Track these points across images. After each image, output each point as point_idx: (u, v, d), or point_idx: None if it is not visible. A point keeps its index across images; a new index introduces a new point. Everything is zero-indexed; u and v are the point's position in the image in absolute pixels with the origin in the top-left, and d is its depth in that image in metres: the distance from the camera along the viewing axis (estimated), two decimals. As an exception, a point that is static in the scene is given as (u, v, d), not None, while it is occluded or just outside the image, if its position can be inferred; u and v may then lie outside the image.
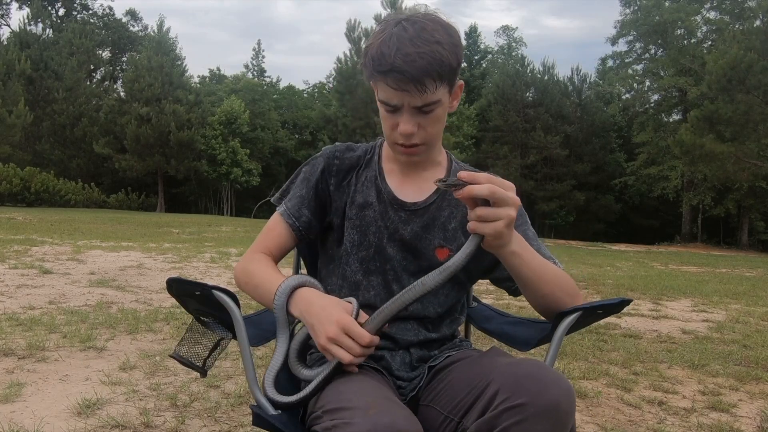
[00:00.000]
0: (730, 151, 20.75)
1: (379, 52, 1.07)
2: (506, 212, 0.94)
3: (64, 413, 2.31)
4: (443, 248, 1.21)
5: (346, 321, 1.00)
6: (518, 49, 49.34)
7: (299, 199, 1.26)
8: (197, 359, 1.17)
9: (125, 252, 8.76)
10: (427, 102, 1.09)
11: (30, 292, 5.00)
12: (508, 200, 0.94)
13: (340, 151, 1.28)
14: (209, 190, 35.09)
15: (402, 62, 1.04)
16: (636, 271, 10.05)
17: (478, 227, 0.95)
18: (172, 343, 3.48)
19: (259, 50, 62.04)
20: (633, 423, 2.52)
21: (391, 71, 1.06)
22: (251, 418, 1.11)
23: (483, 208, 0.94)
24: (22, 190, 24.10)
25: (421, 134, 1.14)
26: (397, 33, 1.07)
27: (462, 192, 0.93)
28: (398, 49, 1.05)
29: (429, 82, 1.06)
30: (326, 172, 1.26)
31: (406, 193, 1.24)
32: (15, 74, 25.51)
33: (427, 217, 1.22)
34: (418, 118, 1.11)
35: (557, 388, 0.90)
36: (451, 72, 1.09)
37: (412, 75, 1.05)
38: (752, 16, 25.08)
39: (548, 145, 29.83)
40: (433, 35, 1.07)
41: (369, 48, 1.11)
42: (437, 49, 1.06)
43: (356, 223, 1.23)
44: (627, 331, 4.50)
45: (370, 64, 1.09)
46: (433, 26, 1.08)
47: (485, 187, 0.92)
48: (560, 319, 1.08)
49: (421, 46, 1.05)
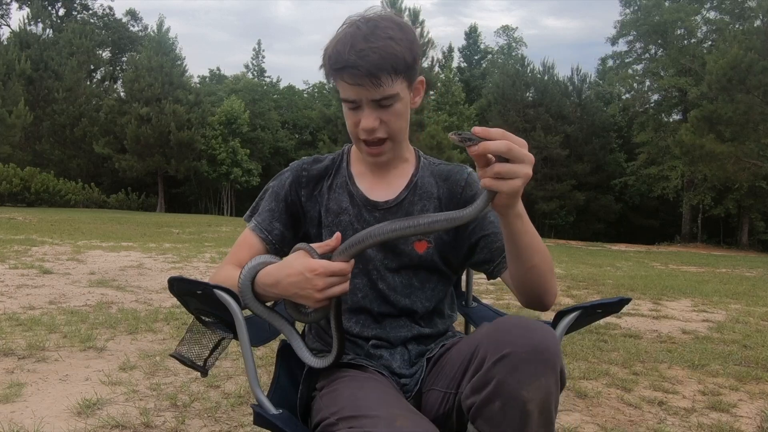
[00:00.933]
0: (730, 151, 20.75)
1: (334, 51, 1.11)
2: (524, 170, 0.91)
3: (64, 413, 2.31)
4: (421, 241, 1.23)
5: (317, 265, 1.00)
6: (518, 49, 49.35)
7: (269, 213, 1.27)
8: (198, 359, 1.17)
9: (125, 252, 8.76)
10: (384, 95, 1.11)
11: (30, 292, 5.00)
12: (525, 157, 0.91)
13: (307, 163, 1.30)
14: (209, 190, 35.10)
15: (356, 57, 1.08)
16: (636, 271, 10.05)
17: (494, 184, 0.91)
18: (172, 343, 3.48)
19: (259, 50, 62.05)
20: (633, 423, 2.52)
21: (345, 68, 1.09)
22: (252, 418, 1.11)
23: (502, 165, 0.90)
24: (22, 190, 24.10)
25: (383, 129, 1.15)
26: (351, 32, 1.11)
27: (477, 148, 0.89)
28: (352, 46, 1.08)
29: (384, 76, 1.09)
30: (295, 184, 1.28)
31: (377, 193, 1.26)
32: (15, 74, 25.52)
33: (401, 214, 1.24)
34: (379, 112, 1.14)
35: (541, 331, 0.92)
36: (407, 66, 1.12)
37: (366, 69, 1.08)
38: (752, 16, 25.10)
39: (548, 145, 29.81)
40: (386, 32, 1.10)
41: (326, 49, 1.14)
42: (390, 44, 1.09)
43: (333, 230, 1.23)
44: (627, 331, 4.50)
45: (327, 64, 1.13)
46: (386, 24, 1.12)
47: (503, 144, 0.89)
48: (559, 318, 1.08)
49: (374, 42, 1.08)
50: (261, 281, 1.07)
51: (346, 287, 1.02)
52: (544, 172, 30.90)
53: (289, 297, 1.05)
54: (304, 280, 1.01)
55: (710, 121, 21.06)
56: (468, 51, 46.85)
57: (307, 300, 1.02)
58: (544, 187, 30.28)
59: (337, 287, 1.01)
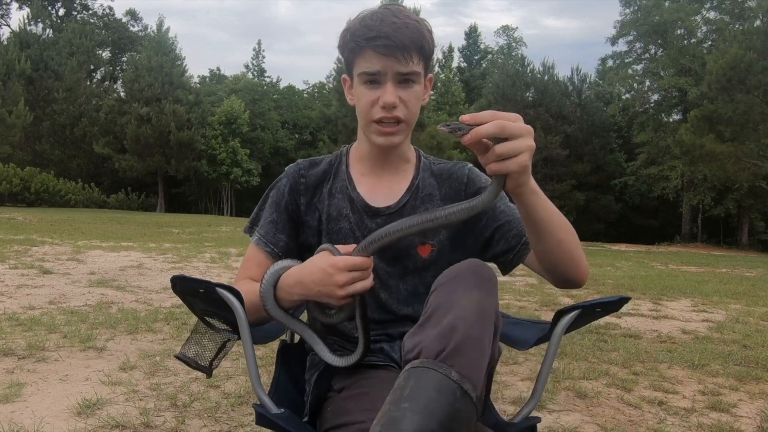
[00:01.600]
0: (730, 151, 20.74)
1: (363, 24, 1.11)
2: (525, 143, 0.87)
3: (64, 413, 2.31)
4: (425, 245, 1.21)
5: (340, 261, 1.01)
6: (518, 49, 49.35)
7: (272, 225, 1.24)
8: (203, 360, 1.17)
9: (125, 252, 8.76)
10: (411, 71, 1.11)
11: (30, 292, 5.00)
12: (522, 130, 0.88)
13: (304, 169, 1.27)
14: (209, 190, 35.11)
15: (390, 29, 1.08)
16: (636, 271, 10.04)
17: (500, 167, 0.88)
18: (172, 343, 3.48)
19: (259, 50, 62.06)
20: (633, 423, 2.52)
21: (378, 37, 1.08)
22: (252, 418, 1.12)
23: (501, 145, 0.87)
24: (22, 190, 24.10)
25: (402, 109, 1.13)
26: (379, 11, 1.12)
27: (469, 136, 0.86)
28: (383, 21, 1.09)
29: (413, 52, 1.10)
30: (294, 192, 1.25)
31: (378, 198, 1.23)
32: (15, 74, 25.51)
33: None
34: (400, 90, 1.12)
35: (477, 261, 0.95)
36: (430, 53, 1.14)
37: (400, 41, 1.08)
38: (752, 16, 25.08)
39: (548, 145, 29.80)
40: (413, 17, 1.13)
41: (349, 27, 1.14)
42: (419, 26, 1.12)
43: (333, 238, 1.21)
44: (627, 331, 4.50)
45: (353, 37, 1.11)
46: (409, 13, 1.14)
47: (493, 125, 0.86)
48: (559, 317, 1.08)
49: (405, 21, 1.10)
50: (284, 282, 1.08)
51: (369, 283, 1.02)
52: (544, 172, 30.90)
53: (312, 296, 1.05)
54: (326, 276, 1.01)
55: (710, 121, 21.06)
56: (468, 51, 46.85)
57: (329, 297, 1.02)
58: (544, 187, 29.52)
59: (359, 283, 1.01)
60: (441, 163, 1.31)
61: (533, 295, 5.97)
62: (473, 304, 0.87)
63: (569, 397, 2.82)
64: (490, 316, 0.88)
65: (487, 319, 0.87)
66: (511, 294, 6.07)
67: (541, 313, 5.11)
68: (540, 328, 1.25)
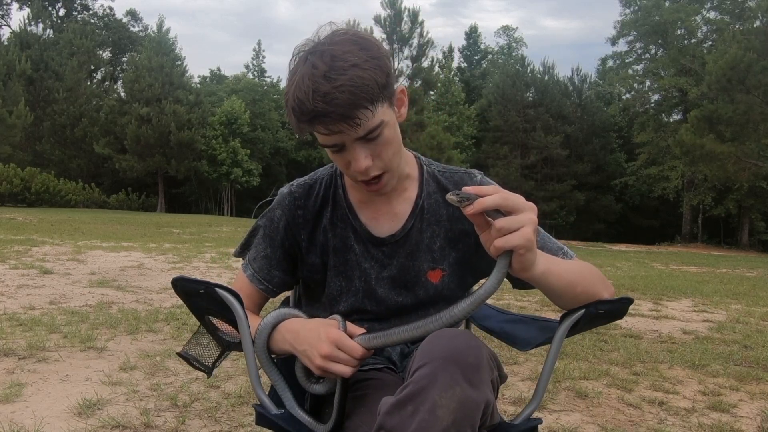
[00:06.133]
0: (730, 151, 20.75)
1: (296, 100, 0.96)
2: (528, 216, 0.85)
3: (65, 413, 2.31)
4: (434, 270, 1.15)
5: (336, 335, 0.97)
6: (518, 49, 49.37)
7: (266, 261, 1.18)
8: (205, 359, 1.18)
9: (125, 252, 8.76)
10: (369, 129, 0.98)
11: (30, 293, 5.00)
12: (524, 205, 0.85)
13: (300, 199, 1.16)
14: (209, 190, 35.10)
15: (323, 104, 0.93)
16: (636, 272, 10.05)
17: (504, 242, 0.84)
18: (173, 344, 3.48)
19: (259, 50, 61.96)
20: (633, 423, 2.52)
21: (315, 118, 0.95)
22: (252, 418, 1.12)
23: (503, 219, 0.84)
24: (23, 191, 24.12)
25: (378, 164, 1.03)
26: (308, 72, 0.95)
27: (473, 206, 0.84)
28: (314, 92, 0.93)
29: (361, 113, 0.95)
30: (291, 227, 1.16)
31: (381, 226, 1.16)
32: (15, 74, 25.50)
33: (411, 245, 1.15)
34: (368, 148, 1.01)
35: (464, 339, 0.87)
36: (382, 89, 0.97)
37: (340, 114, 0.94)
38: (752, 16, 25.11)
39: (548, 145, 29.84)
40: (347, 60, 0.94)
41: (287, 98, 1.00)
42: (356, 74, 0.94)
43: (340, 270, 1.16)
44: (627, 332, 4.50)
45: (294, 117, 0.98)
46: (343, 49, 0.95)
47: (497, 196, 0.84)
48: (564, 319, 1.08)
49: (337, 79, 0.93)
50: (284, 326, 1.06)
51: (347, 371, 0.96)
52: (545, 172, 30.92)
53: (297, 352, 1.03)
54: (316, 339, 0.99)
55: (710, 121, 21.06)
56: (468, 51, 46.84)
57: (309, 360, 1.00)
58: (544, 187, 30.28)
59: (339, 366, 0.96)
60: (447, 171, 1.20)
61: (533, 295, 5.97)
62: (454, 402, 0.82)
63: (569, 397, 2.82)
64: (471, 411, 0.83)
65: (466, 417, 0.83)
66: (511, 294, 6.07)
67: (541, 314, 5.10)
68: (542, 326, 1.24)
